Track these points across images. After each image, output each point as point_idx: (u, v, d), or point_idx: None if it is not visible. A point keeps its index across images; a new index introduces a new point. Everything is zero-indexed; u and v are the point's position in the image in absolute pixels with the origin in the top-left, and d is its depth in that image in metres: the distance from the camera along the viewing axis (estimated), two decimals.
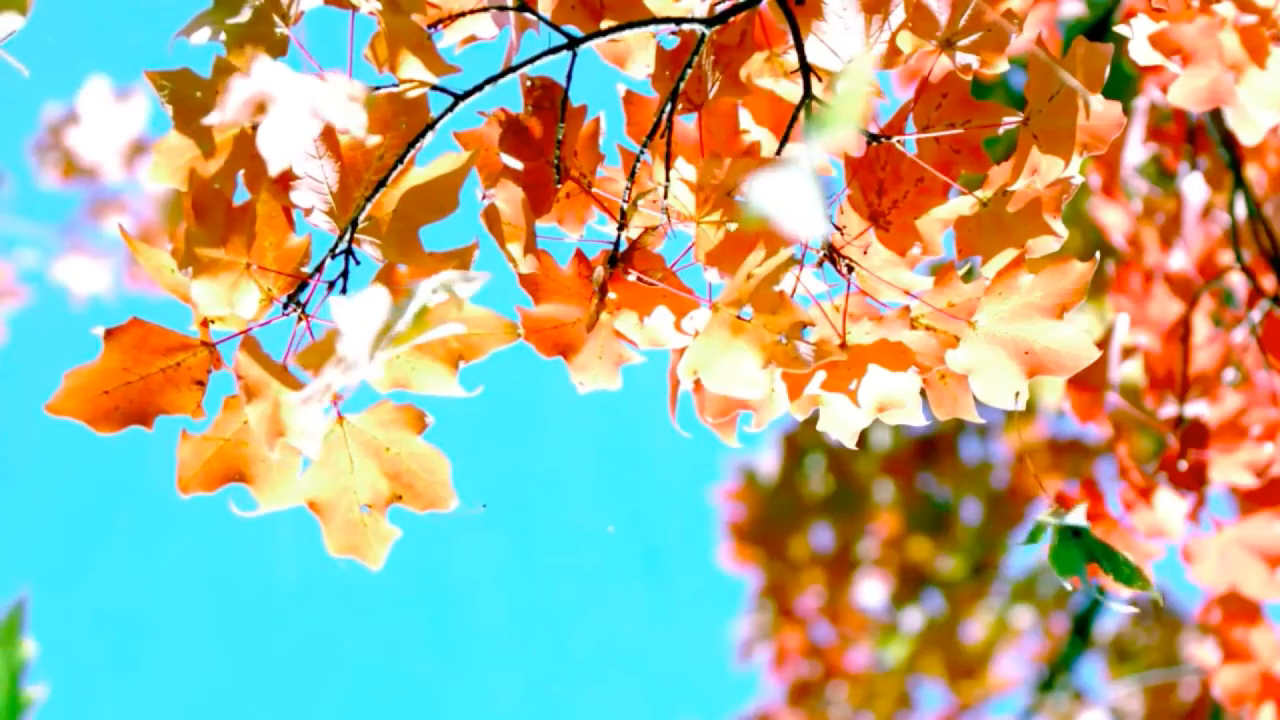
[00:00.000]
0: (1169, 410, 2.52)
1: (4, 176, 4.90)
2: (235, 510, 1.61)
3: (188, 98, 1.62)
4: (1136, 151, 2.93)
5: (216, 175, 1.61)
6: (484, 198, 1.69)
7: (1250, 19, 1.93)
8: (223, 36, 1.64)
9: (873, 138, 1.68)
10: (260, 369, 1.52)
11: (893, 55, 1.68)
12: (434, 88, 1.63)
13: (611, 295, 1.64)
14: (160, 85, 1.63)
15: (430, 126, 1.61)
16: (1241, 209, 2.65)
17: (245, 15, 1.63)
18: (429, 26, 1.72)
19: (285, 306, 1.60)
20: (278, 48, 1.65)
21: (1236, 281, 2.75)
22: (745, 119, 1.79)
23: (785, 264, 1.52)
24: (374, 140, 1.60)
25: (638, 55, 1.78)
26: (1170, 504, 2.39)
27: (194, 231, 1.55)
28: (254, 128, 1.63)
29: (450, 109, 1.62)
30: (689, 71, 1.68)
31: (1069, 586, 1.71)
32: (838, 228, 1.67)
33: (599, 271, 1.64)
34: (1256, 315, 2.54)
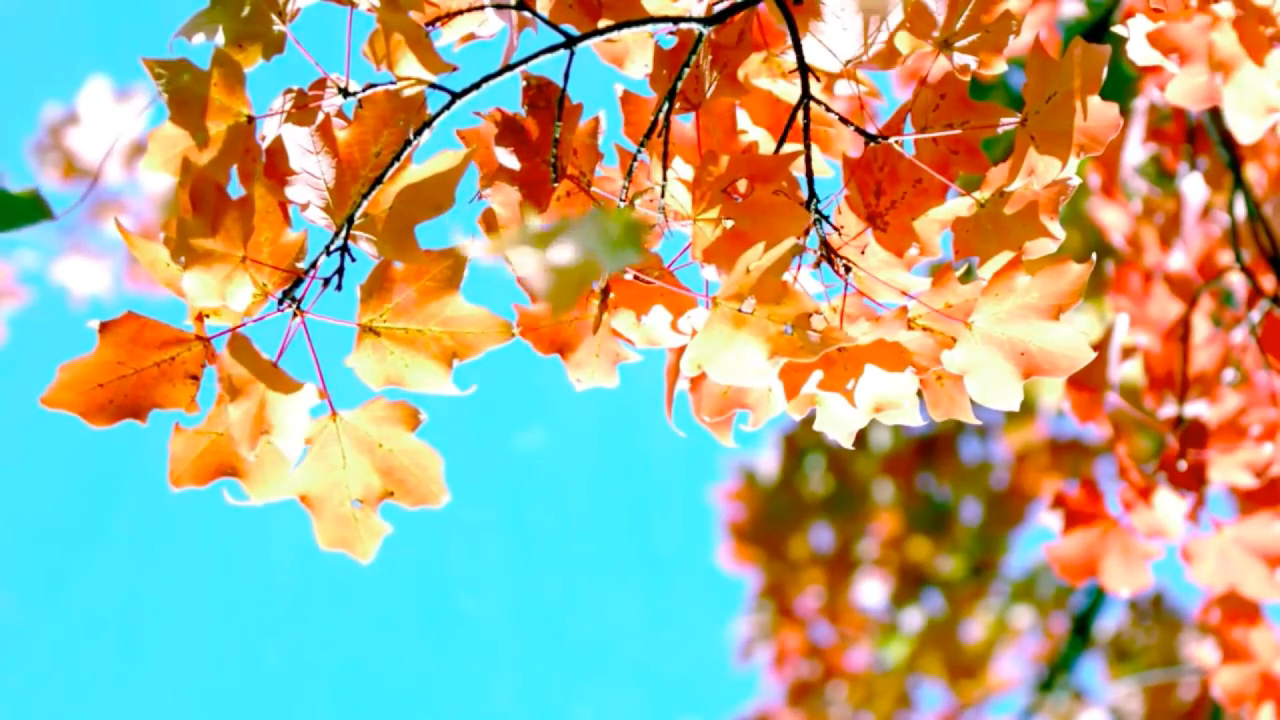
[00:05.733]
0: (1169, 410, 2.52)
1: (4, 176, 4.90)
2: (229, 500, 1.61)
3: (185, 88, 1.62)
4: (1136, 152, 2.93)
5: (211, 166, 1.61)
6: (481, 198, 1.69)
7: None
8: (220, 37, 1.64)
9: (871, 138, 1.68)
10: (246, 367, 1.52)
11: (891, 56, 1.68)
12: (432, 85, 1.63)
13: (609, 294, 1.64)
14: (158, 74, 1.62)
15: (427, 124, 1.61)
16: (1241, 209, 2.65)
17: (243, 14, 1.63)
18: (427, 24, 1.72)
19: (280, 302, 1.59)
20: (275, 45, 1.65)
21: (1236, 281, 2.75)
22: (743, 119, 1.79)
23: (789, 253, 1.51)
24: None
25: (635, 55, 1.78)
26: (1170, 504, 2.39)
27: (189, 222, 1.55)
28: (249, 119, 1.63)
29: (447, 107, 1.62)
30: (686, 71, 1.68)
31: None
32: (835, 228, 1.67)
33: None
34: (1256, 315, 2.54)
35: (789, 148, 1.70)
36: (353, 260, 1.61)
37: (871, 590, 5.80)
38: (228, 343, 1.54)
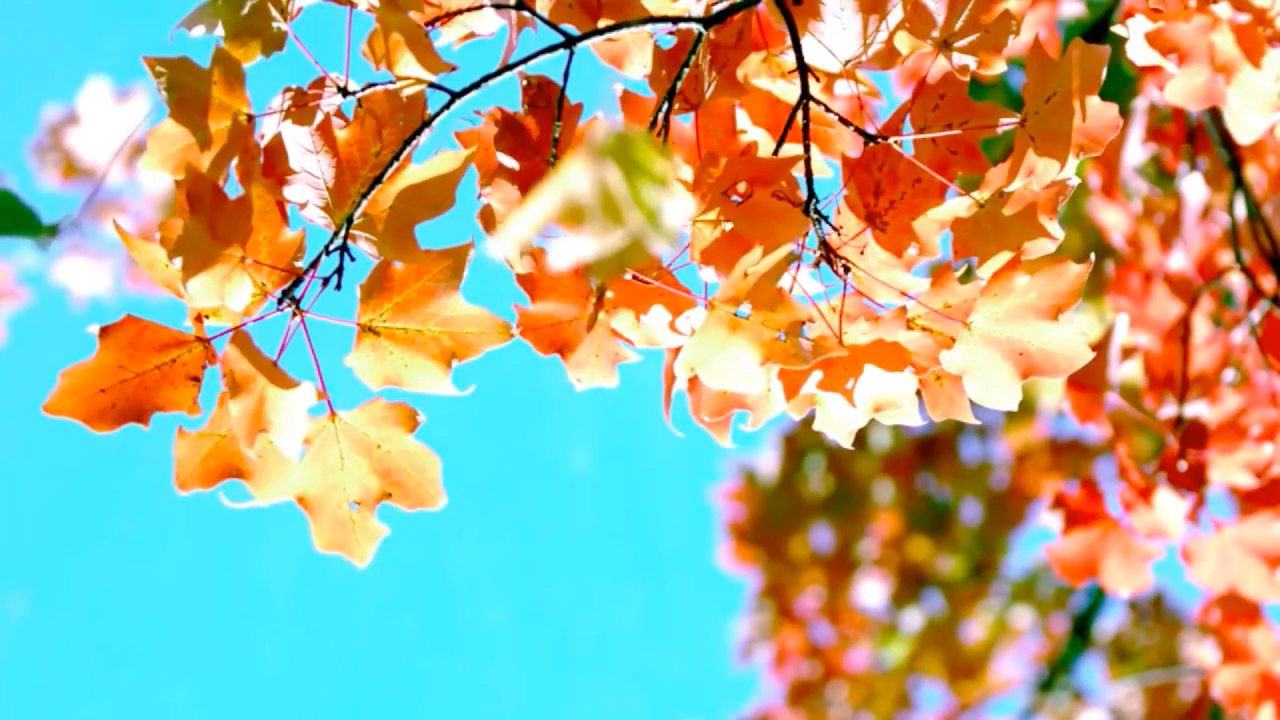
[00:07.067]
0: (1169, 410, 2.52)
1: (4, 176, 4.91)
2: (226, 503, 1.61)
3: (185, 86, 1.62)
4: (1136, 152, 2.92)
5: (210, 166, 1.61)
6: (481, 197, 1.69)
7: (1246, 19, 1.93)
8: (220, 30, 1.63)
9: (870, 138, 1.68)
10: (249, 364, 1.52)
11: (890, 56, 1.68)
12: (431, 85, 1.63)
13: (608, 294, 1.64)
14: (158, 72, 1.62)
15: (426, 124, 1.61)
16: (1241, 209, 2.65)
17: (244, 10, 1.63)
18: (427, 24, 1.72)
19: (279, 302, 1.59)
20: (275, 42, 1.65)
21: (1236, 282, 2.75)
22: (742, 119, 1.79)
23: (784, 260, 1.51)
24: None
25: (635, 55, 1.78)
26: (1170, 504, 2.39)
27: (187, 223, 1.55)
28: (249, 118, 1.63)
29: (446, 106, 1.62)
30: (686, 71, 1.68)
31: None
32: (835, 228, 1.67)
33: None
34: (1256, 315, 2.54)
35: (788, 148, 1.70)
36: (352, 260, 1.61)
37: (871, 590, 5.80)
38: (231, 338, 1.54)
